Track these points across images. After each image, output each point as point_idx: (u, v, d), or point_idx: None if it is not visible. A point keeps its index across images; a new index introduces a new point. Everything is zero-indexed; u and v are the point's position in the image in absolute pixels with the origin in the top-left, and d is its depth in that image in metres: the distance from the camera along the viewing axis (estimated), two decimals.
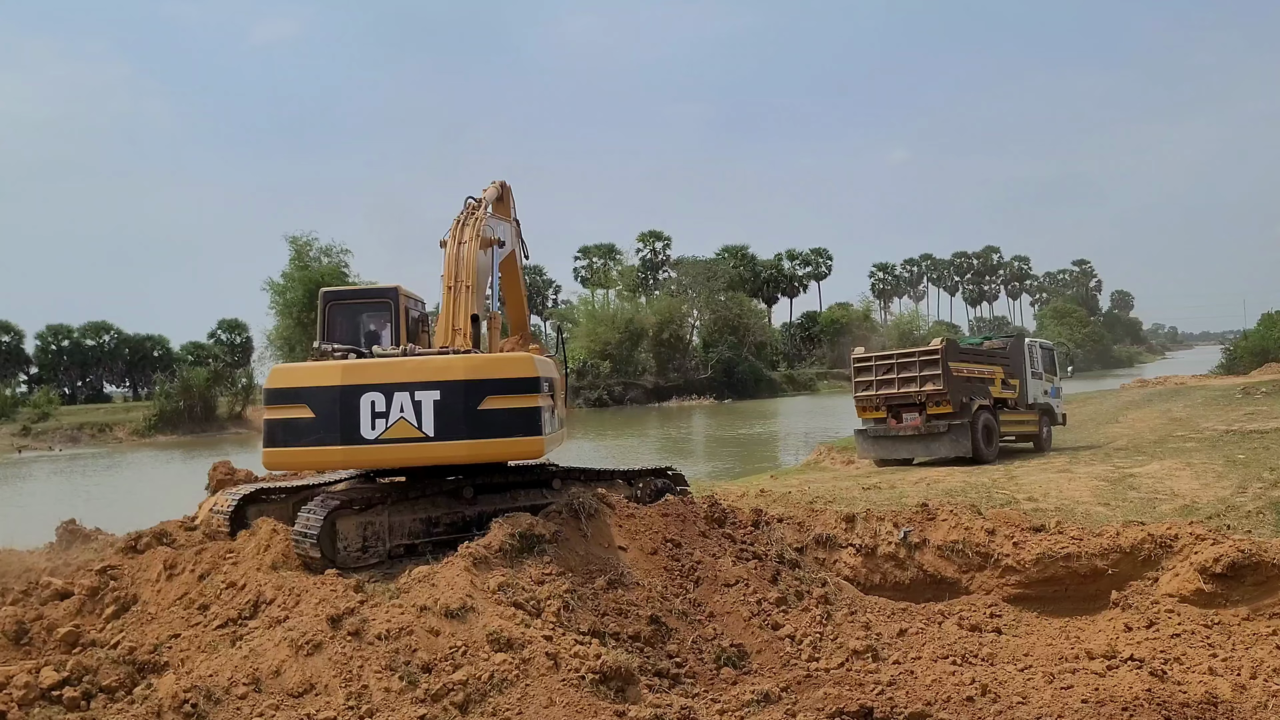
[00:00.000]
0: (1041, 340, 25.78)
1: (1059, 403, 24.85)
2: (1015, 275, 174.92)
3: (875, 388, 21.71)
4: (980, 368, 21.81)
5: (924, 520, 11.00)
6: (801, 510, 11.91)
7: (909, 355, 21.59)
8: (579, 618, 8.12)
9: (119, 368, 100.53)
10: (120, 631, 9.01)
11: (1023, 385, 23.03)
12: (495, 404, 8.97)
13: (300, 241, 64.10)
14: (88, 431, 65.31)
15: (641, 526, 9.93)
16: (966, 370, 21.16)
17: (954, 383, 20.52)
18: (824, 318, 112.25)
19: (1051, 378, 24.60)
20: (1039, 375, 23.80)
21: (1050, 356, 25.10)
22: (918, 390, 20.79)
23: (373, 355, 9.69)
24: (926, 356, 20.94)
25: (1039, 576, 10.17)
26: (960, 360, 21.18)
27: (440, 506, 9.84)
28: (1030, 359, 23.63)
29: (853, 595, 9.87)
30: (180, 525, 11.28)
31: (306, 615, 7.72)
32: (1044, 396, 23.84)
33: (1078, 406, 34.96)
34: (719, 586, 9.30)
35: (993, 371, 22.03)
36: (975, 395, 21.07)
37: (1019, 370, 23.08)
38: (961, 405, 20.58)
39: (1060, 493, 14.38)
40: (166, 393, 66.86)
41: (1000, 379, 22.15)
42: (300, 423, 9.09)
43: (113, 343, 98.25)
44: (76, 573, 10.62)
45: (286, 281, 62.37)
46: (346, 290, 11.45)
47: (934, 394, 20.54)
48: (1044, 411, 23.62)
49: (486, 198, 12.15)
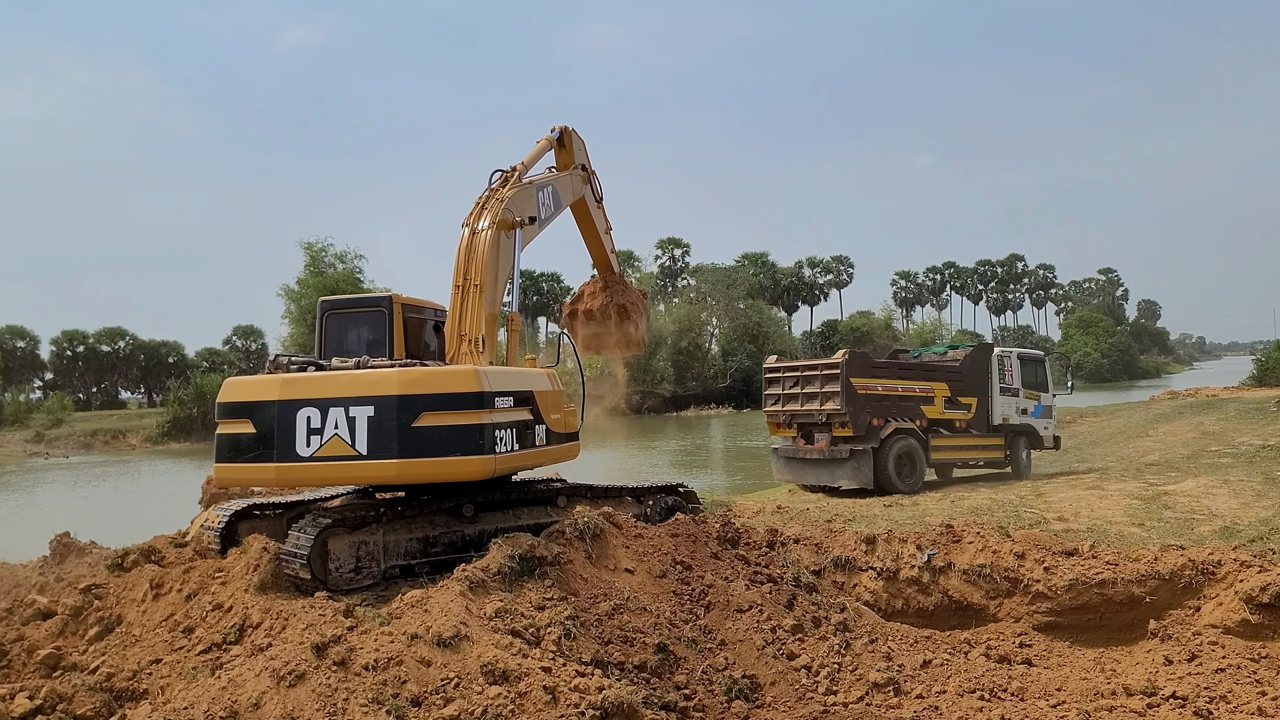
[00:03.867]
0: (1023, 350, 22.57)
1: (1049, 423, 21.77)
2: (1040, 284, 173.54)
3: (783, 402, 19.63)
4: (910, 384, 19.41)
5: (948, 542, 10.55)
6: (819, 530, 11.48)
7: (814, 368, 19.29)
8: (581, 646, 7.74)
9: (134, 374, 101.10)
10: (102, 655, 8.73)
11: (984, 404, 20.39)
12: (431, 421, 8.57)
13: (315, 247, 64.17)
14: (101, 438, 65.61)
15: (650, 547, 9.57)
16: (881, 387, 18.83)
17: (858, 401, 18.30)
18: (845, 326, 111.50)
19: (1036, 394, 21.44)
20: (1011, 391, 20.84)
21: (1039, 369, 21.96)
22: (819, 409, 18.70)
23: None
24: (828, 370, 18.77)
25: (1071, 604, 9.71)
26: (873, 375, 18.90)
27: (438, 525, 9.48)
28: (999, 372, 20.66)
29: (873, 622, 9.43)
30: (171, 541, 10.95)
31: (291, 642, 7.35)
32: (1020, 416, 20.92)
33: (1105, 420, 34.34)
34: (731, 612, 8.93)
35: (929, 389, 19.62)
36: (894, 416, 18.80)
37: (979, 386, 20.42)
38: (868, 428, 18.35)
39: (1092, 512, 13.86)
40: (180, 399, 66.99)
41: (942, 397, 19.73)
42: (243, 438, 8.88)
43: (128, 349, 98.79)
44: (63, 590, 10.34)
45: (301, 288, 62.31)
46: (343, 299, 11.14)
47: (834, 414, 18.40)
48: (1020, 434, 20.93)
49: (525, 164, 11.88)
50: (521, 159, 12.14)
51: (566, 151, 13.27)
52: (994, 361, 20.74)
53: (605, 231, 14.83)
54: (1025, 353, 22.26)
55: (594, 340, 16.10)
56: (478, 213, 10.86)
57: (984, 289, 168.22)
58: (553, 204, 12.43)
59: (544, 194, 12.14)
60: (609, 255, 15.06)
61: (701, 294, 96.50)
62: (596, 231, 14.49)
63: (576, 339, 16.17)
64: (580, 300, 15.66)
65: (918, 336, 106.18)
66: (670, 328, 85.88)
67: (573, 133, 13.34)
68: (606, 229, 14.89)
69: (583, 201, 13.80)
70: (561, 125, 13.22)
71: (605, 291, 15.25)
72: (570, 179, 13.18)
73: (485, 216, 10.71)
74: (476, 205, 11.03)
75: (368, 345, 10.76)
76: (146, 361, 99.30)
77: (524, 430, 9.46)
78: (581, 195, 13.70)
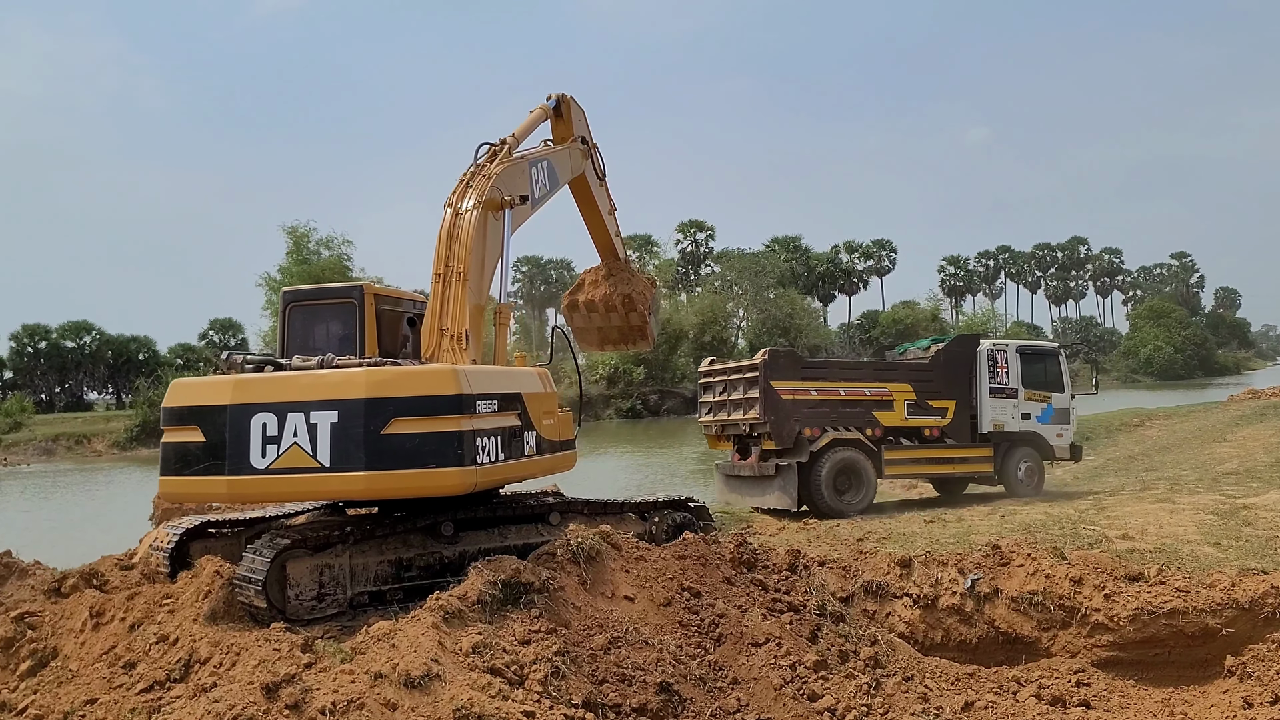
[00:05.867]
0: (1024, 343, 20.75)
1: (1064, 430, 19.89)
2: (1105, 270, 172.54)
3: (714, 411, 18.56)
4: (856, 386, 18.09)
5: (995, 565, 10.34)
6: (848, 550, 11.24)
7: (739, 370, 18.11)
8: (571, 686, 7.58)
9: (101, 372, 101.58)
10: (33, 693, 8.65)
11: (967, 408, 18.94)
12: (402, 428, 8.34)
13: (298, 232, 64.36)
14: (64, 443, 65.95)
15: (653, 571, 9.42)
16: (816, 391, 17.60)
17: (783, 408, 17.18)
18: (886, 318, 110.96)
19: (1044, 395, 19.76)
20: (1007, 393, 19.27)
21: (1048, 366, 20.13)
22: (742, 417, 17.67)
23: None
24: (750, 373, 17.62)
25: (1136, 637, 9.49)
26: (805, 377, 17.68)
27: (413, 546, 9.31)
28: (989, 370, 19.18)
29: (908, 657, 9.26)
30: (116, 563, 10.83)
31: (239, 682, 7.18)
32: (1022, 422, 19.34)
33: (1178, 422, 33.89)
34: (745, 646, 8.83)
35: (885, 391, 18.28)
36: (836, 425, 17.63)
37: (958, 387, 19.00)
38: (798, 439, 17.26)
39: (1160, 529, 13.52)
40: (150, 401, 67.17)
41: (904, 401, 18.36)
42: (191, 448, 8.66)
43: (94, 344, 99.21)
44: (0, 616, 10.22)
45: (283, 276, 62.50)
46: (308, 289, 10.99)
47: (755, 423, 17.35)
48: (1023, 443, 19.33)
49: (516, 136, 11.71)
50: (513, 131, 11.94)
51: (564, 123, 13.08)
52: (981, 357, 19.33)
53: (609, 212, 14.65)
54: (1028, 345, 20.58)
55: (597, 335, 15.92)
56: (462, 191, 10.67)
57: (1042, 276, 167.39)
58: (548, 181, 12.24)
59: (538, 170, 11.94)
60: (613, 239, 14.88)
61: (727, 283, 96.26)
62: (599, 212, 14.36)
63: (577, 332, 16.00)
64: (581, 290, 15.47)
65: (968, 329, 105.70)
66: (692, 320, 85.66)
67: (571, 101, 13.14)
68: (610, 209, 14.71)
69: (583, 179, 13.62)
70: (559, 93, 13.02)
71: (608, 280, 15.06)
72: (568, 153, 12.99)
73: (470, 195, 10.52)
74: (461, 183, 10.84)
75: (338, 342, 10.58)
76: (115, 359, 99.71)
77: (511, 438, 9.26)
78: (582, 171, 13.51)
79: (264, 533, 9.37)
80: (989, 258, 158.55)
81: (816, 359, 19.73)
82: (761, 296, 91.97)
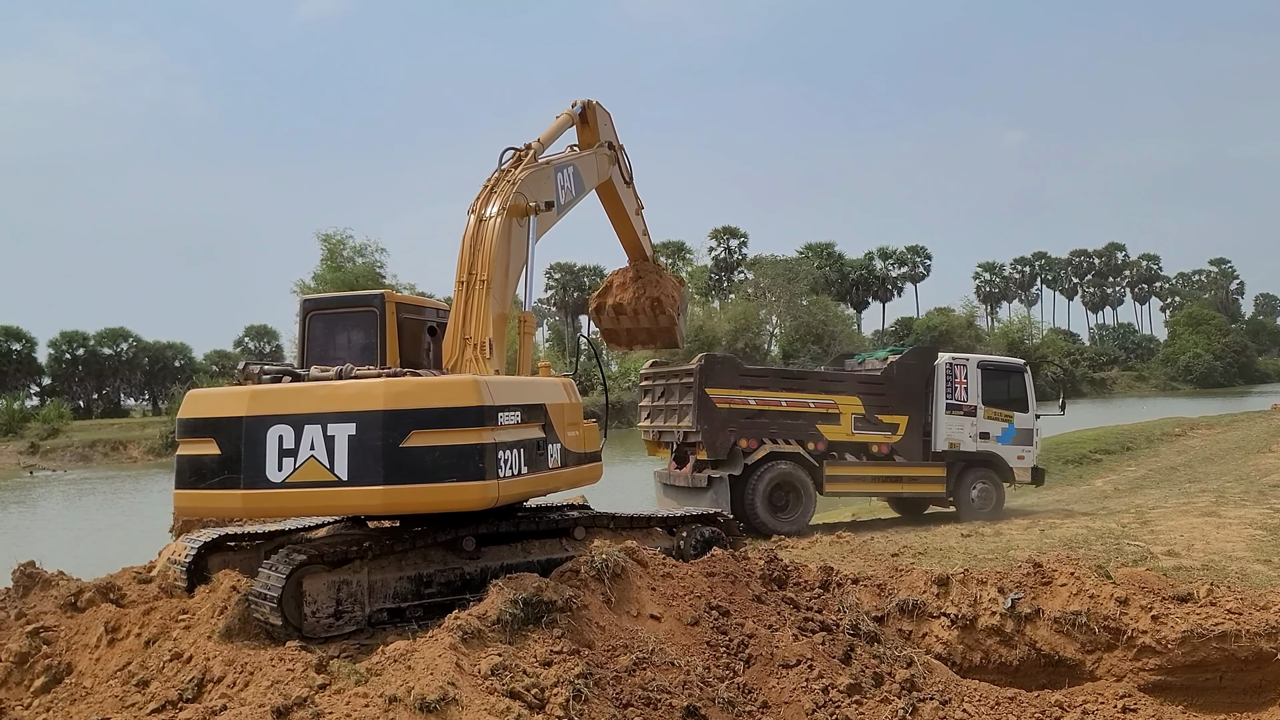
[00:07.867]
0: (986, 358, 20.13)
1: (1026, 451, 18.98)
2: (1143, 276, 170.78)
3: (651, 416, 18.01)
4: (799, 397, 17.43)
5: (1037, 584, 9.99)
6: (883, 567, 10.93)
7: (675, 375, 17.63)
8: (594, 710, 7.32)
9: (137, 379, 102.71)
10: (46, 710, 8.48)
11: (920, 425, 18.23)
12: (422, 441, 8.08)
13: (333, 240, 64.96)
14: (100, 449, 66.63)
15: (680, 589, 9.15)
16: (755, 400, 17.07)
17: (716, 417, 16.68)
18: (920, 325, 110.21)
19: (1006, 414, 18.87)
20: (965, 410, 18.46)
21: (1011, 383, 19.28)
22: (676, 425, 17.19)
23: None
24: (686, 378, 17.11)
25: (1185, 660, 9.15)
26: (743, 385, 17.15)
27: (433, 561, 9.07)
28: (946, 385, 18.38)
29: (945, 680, 8.96)
30: (135, 576, 10.68)
31: (250, 704, 6.98)
32: (980, 441, 18.51)
33: (1220, 432, 33.21)
34: (776, 668, 8.57)
35: (831, 403, 17.56)
36: (774, 437, 17.07)
37: (911, 402, 18.26)
38: (732, 450, 16.71)
39: (1208, 544, 13.12)
40: None
41: (851, 414, 17.64)
42: (207, 460, 8.44)
43: (131, 351, 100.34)
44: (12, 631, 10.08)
45: (318, 283, 62.97)
46: (328, 298, 10.83)
47: (688, 432, 16.86)
48: (980, 463, 18.53)
49: (542, 141, 11.56)
50: (538, 136, 11.74)
51: (590, 129, 12.89)
52: (939, 371, 18.50)
53: (636, 212, 14.47)
54: (990, 360, 20.05)
55: (625, 337, 15.69)
56: (486, 197, 10.49)
57: (1079, 282, 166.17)
58: (574, 187, 12.04)
59: (564, 175, 11.74)
60: (640, 238, 14.67)
61: (760, 289, 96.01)
62: (626, 214, 14.18)
63: (605, 334, 15.80)
64: (608, 293, 15.25)
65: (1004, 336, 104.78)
66: (725, 326, 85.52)
67: (597, 106, 12.96)
68: (637, 209, 14.53)
69: (610, 183, 13.40)
70: (584, 99, 12.82)
71: (637, 282, 14.85)
72: (595, 158, 12.78)
73: (494, 201, 10.33)
74: (485, 188, 10.68)
75: (360, 351, 10.39)
76: (151, 365, 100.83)
77: (534, 450, 9.00)
78: (608, 176, 13.29)
79: (282, 547, 9.17)
80: (1025, 264, 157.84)
81: (757, 367, 19.14)
82: (794, 303, 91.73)
